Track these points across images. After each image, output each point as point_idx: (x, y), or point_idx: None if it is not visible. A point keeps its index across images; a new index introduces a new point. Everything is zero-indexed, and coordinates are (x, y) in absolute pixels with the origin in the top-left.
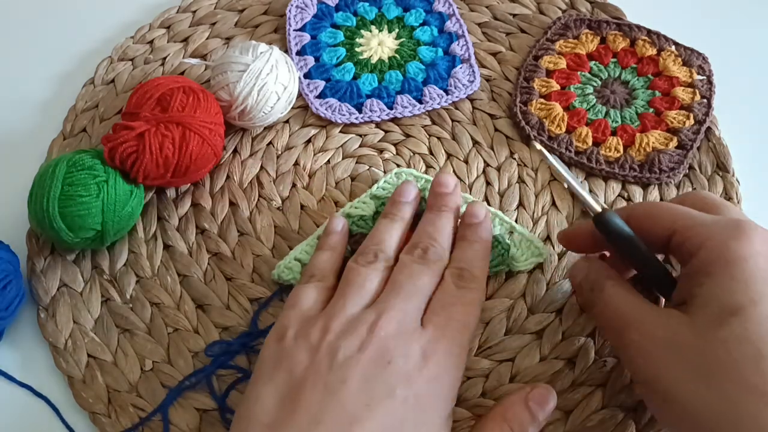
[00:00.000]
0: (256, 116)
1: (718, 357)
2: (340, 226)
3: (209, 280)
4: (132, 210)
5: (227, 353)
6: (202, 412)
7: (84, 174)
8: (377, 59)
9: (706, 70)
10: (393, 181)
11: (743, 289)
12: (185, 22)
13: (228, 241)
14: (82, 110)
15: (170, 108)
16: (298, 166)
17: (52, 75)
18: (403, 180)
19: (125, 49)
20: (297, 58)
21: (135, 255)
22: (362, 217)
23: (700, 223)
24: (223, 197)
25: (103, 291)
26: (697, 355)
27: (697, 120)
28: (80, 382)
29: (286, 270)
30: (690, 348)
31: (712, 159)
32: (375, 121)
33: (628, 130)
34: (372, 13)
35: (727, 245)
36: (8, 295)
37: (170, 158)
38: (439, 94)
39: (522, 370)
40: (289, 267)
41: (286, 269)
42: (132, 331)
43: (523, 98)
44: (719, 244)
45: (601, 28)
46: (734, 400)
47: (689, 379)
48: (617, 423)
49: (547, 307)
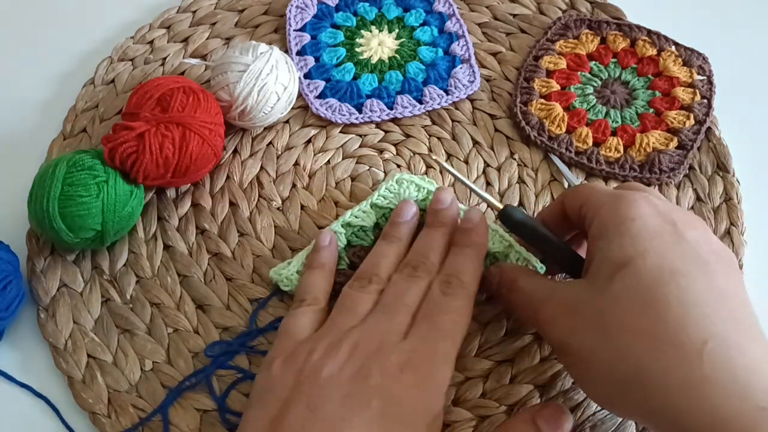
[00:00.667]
0: (256, 116)
1: (611, 310)
2: (327, 241)
3: (209, 280)
4: (132, 210)
5: (227, 353)
6: (202, 412)
7: (84, 174)
8: (377, 59)
9: (706, 70)
10: (393, 189)
11: (631, 244)
12: (185, 22)
13: (228, 241)
14: (82, 110)
15: (170, 108)
16: (298, 167)
17: (52, 75)
18: (403, 188)
19: (125, 49)
20: (297, 58)
21: (135, 255)
22: (362, 228)
23: (596, 195)
24: (223, 197)
25: (103, 291)
26: (594, 312)
27: (697, 120)
28: (80, 383)
29: (286, 281)
30: (587, 306)
31: (713, 159)
32: (375, 121)
33: (628, 131)
34: (372, 14)
35: (617, 209)
36: (8, 295)
37: (170, 158)
38: (439, 95)
39: (522, 371)
40: (290, 278)
41: (287, 280)
42: (132, 331)
43: (523, 98)
44: (610, 209)
45: (601, 29)
46: (630, 348)
47: (590, 337)
48: (617, 423)
49: None
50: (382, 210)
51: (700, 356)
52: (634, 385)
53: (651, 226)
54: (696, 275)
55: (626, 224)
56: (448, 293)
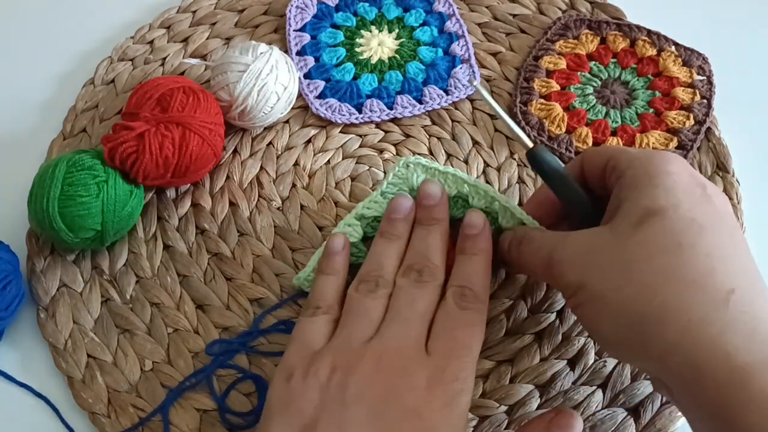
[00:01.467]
0: (256, 116)
1: (637, 251)
2: (341, 246)
3: (209, 280)
4: (132, 210)
5: (228, 352)
6: (202, 412)
7: (84, 174)
8: (377, 59)
9: (706, 71)
10: (401, 174)
11: (664, 195)
12: (185, 22)
13: (228, 241)
14: (82, 110)
15: (170, 108)
16: (298, 167)
17: (52, 75)
18: (410, 171)
19: (125, 49)
20: (297, 58)
21: (135, 255)
22: (376, 218)
23: (629, 151)
24: (223, 197)
25: (103, 291)
26: (616, 253)
27: (697, 120)
28: (80, 383)
29: (307, 283)
30: (609, 248)
31: (712, 159)
32: (375, 121)
33: (628, 131)
34: (372, 14)
35: (652, 162)
36: (8, 295)
37: (170, 158)
38: (439, 95)
39: (522, 371)
40: (309, 279)
41: (307, 282)
42: (132, 331)
43: (523, 98)
44: (645, 162)
45: (601, 29)
46: (653, 287)
47: (610, 276)
48: (617, 423)
49: (547, 307)
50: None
51: (726, 303)
52: (652, 323)
53: (684, 182)
54: (723, 233)
55: (661, 176)
56: (465, 307)
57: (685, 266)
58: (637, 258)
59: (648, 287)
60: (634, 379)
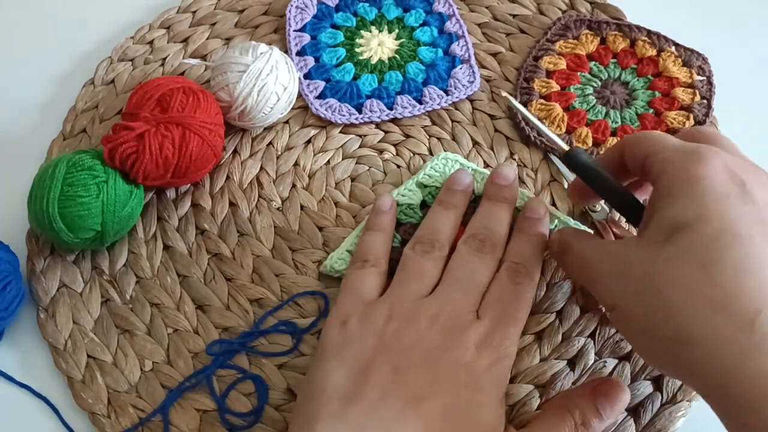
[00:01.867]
0: (256, 117)
1: (664, 270)
2: (388, 205)
3: (209, 280)
4: (132, 210)
5: (228, 352)
6: (202, 412)
7: (84, 174)
8: (377, 60)
9: (706, 71)
10: (439, 167)
11: (694, 206)
12: (185, 23)
13: (228, 241)
14: (82, 110)
15: (170, 108)
16: (298, 167)
17: (52, 75)
18: (448, 167)
19: (125, 49)
20: (297, 58)
21: (135, 255)
22: (410, 206)
23: (665, 148)
24: (223, 198)
25: (103, 291)
26: (645, 272)
27: (697, 120)
28: (80, 383)
29: (339, 261)
30: (638, 266)
31: None
32: (375, 121)
33: (628, 131)
34: (372, 14)
35: (686, 167)
36: (8, 296)
37: (170, 159)
38: (439, 95)
39: (522, 371)
40: (342, 258)
41: (339, 260)
42: (132, 331)
43: (523, 99)
44: (679, 166)
45: (601, 29)
46: (680, 309)
47: (640, 298)
48: (617, 423)
49: (547, 307)
50: (427, 188)
51: (752, 325)
52: (683, 346)
53: (718, 185)
54: (756, 239)
55: (692, 183)
56: (517, 282)
57: (711, 287)
58: (664, 277)
59: (674, 309)
60: (634, 380)
